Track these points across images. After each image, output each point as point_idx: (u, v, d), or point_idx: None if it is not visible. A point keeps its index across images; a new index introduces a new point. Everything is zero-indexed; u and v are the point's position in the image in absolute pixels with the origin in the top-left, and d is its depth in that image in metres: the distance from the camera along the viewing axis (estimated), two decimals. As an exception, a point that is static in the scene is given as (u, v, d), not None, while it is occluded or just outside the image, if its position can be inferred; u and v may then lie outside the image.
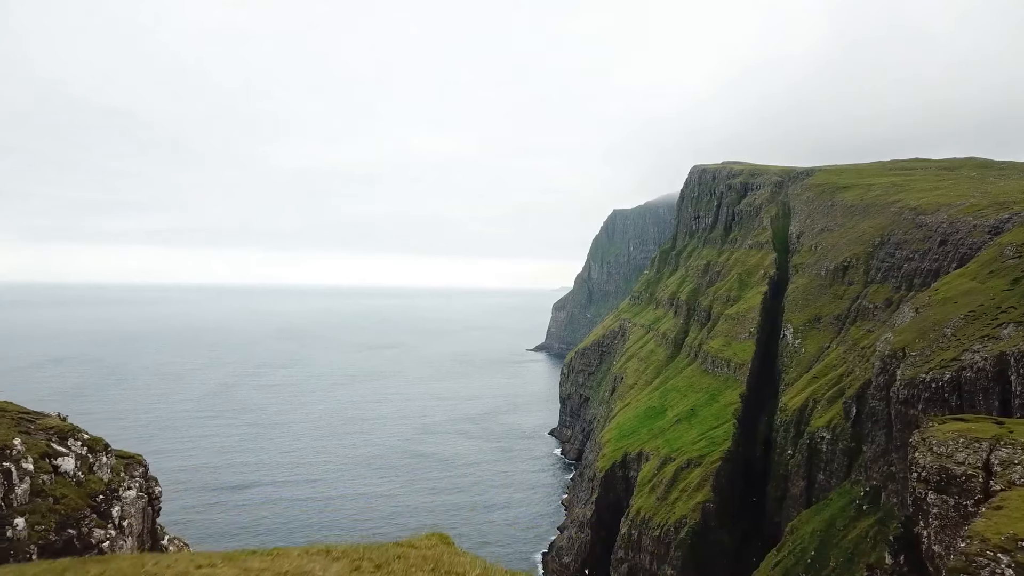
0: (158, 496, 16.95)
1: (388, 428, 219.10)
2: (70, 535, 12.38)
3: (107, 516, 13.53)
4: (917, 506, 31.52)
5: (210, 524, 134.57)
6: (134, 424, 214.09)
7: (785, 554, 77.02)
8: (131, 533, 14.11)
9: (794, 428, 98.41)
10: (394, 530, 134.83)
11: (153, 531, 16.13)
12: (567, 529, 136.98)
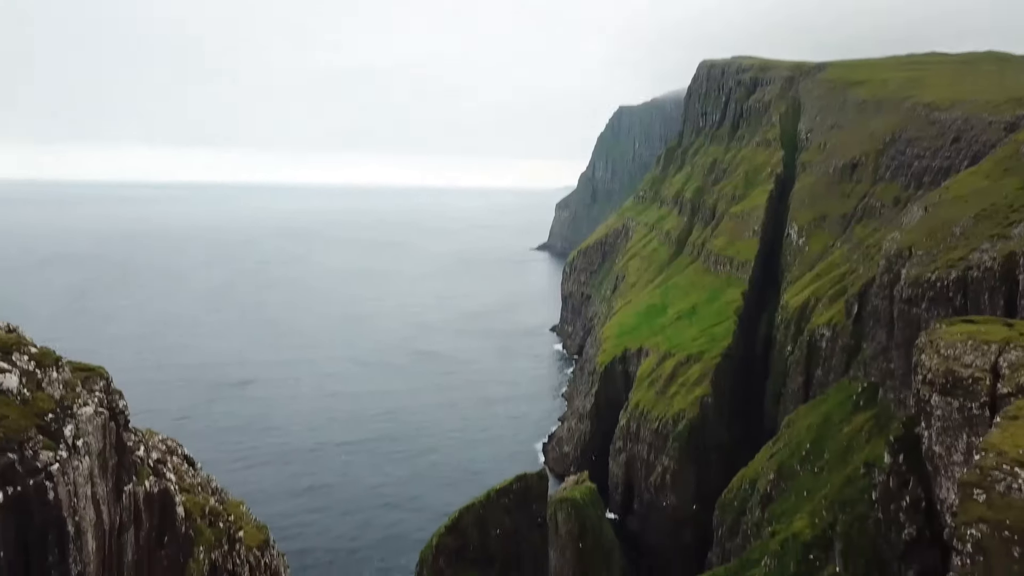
0: (123, 410, 16.26)
1: (389, 326, 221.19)
2: (10, 460, 11.80)
3: (58, 436, 12.90)
4: (920, 408, 31.55)
5: (213, 420, 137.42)
6: (135, 323, 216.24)
7: (780, 447, 78.74)
8: (88, 453, 13.58)
9: (794, 326, 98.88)
10: (395, 427, 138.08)
11: (119, 445, 15.63)
12: (567, 420, 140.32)
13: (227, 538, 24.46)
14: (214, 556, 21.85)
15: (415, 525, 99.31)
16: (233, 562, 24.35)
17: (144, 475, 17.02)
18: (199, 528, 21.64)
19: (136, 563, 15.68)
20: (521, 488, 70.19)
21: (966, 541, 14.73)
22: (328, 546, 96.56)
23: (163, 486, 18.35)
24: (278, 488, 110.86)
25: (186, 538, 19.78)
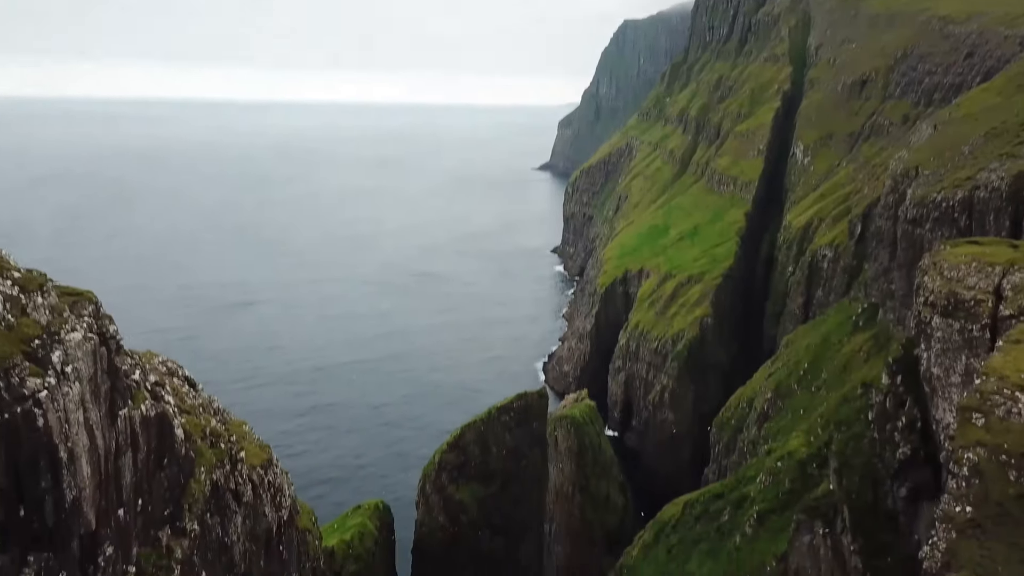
0: (113, 335, 15.91)
1: (390, 247, 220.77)
2: (-5, 387, 11.70)
3: (45, 363, 12.67)
4: (920, 329, 31.43)
5: (215, 341, 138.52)
6: (134, 244, 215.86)
7: (779, 366, 79.48)
8: (78, 379, 13.36)
9: (796, 246, 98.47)
10: (397, 348, 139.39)
11: (111, 370, 15.37)
12: (567, 341, 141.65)
13: (229, 458, 24.74)
14: (216, 476, 22.13)
15: (418, 443, 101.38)
16: (236, 481, 24.70)
17: (140, 399, 16.98)
18: (200, 449, 21.83)
19: (135, 485, 15.81)
20: (521, 406, 71.12)
21: (962, 464, 14.75)
22: (332, 464, 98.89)
23: (160, 409, 18.34)
24: (281, 408, 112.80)
25: (186, 459, 19.95)
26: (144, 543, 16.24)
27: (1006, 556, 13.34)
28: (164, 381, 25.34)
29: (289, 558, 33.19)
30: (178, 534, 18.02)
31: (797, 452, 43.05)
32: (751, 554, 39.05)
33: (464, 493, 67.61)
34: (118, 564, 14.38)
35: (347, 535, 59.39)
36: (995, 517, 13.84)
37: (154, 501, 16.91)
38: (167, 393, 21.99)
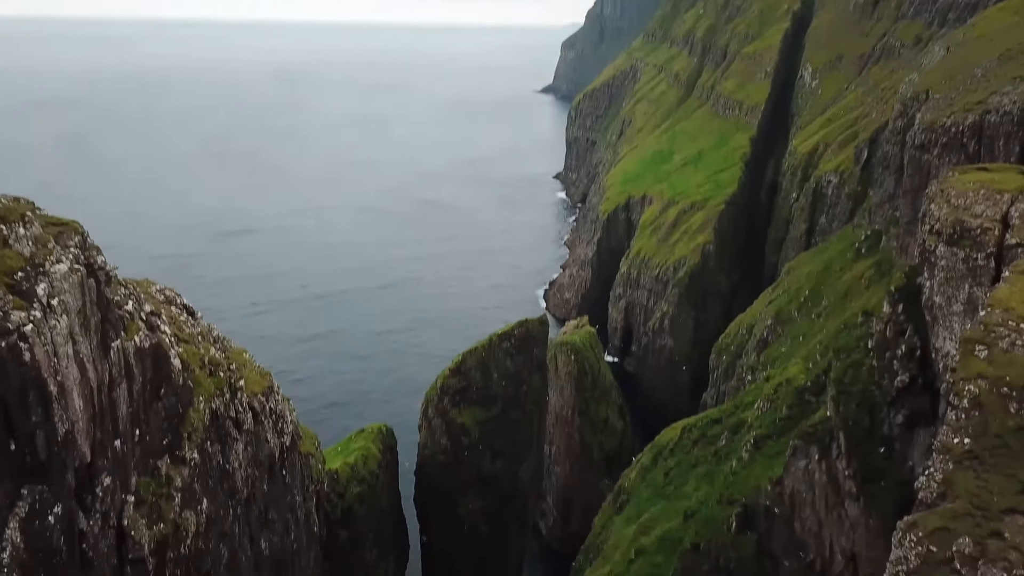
0: (101, 266, 15.54)
1: (390, 174, 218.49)
2: (-23, 322, 11.45)
3: (30, 296, 12.34)
4: (924, 258, 31.06)
5: (214, 269, 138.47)
6: (131, 170, 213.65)
7: (779, 293, 79.45)
8: (65, 312, 13.08)
9: (801, 172, 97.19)
10: (399, 276, 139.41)
11: (101, 302, 15.08)
12: (568, 268, 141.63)
13: (228, 387, 24.81)
14: (215, 405, 22.20)
15: (420, 369, 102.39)
16: (236, 409, 24.85)
17: (133, 330, 16.80)
18: (198, 379, 21.81)
19: (132, 416, 15.80)
20: (522, 333, 71.40)
21: (963, 396, 14.64)
22: (335, 389, 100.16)
23: (155, 340, 18.20)
24: (283, 335, 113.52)
25: (184, 389, 19.93)
26: (143, 472, 16.36)
27: (1002, 488, 13.35)
28: (160, 310, 25.19)
29: (292, 482, 33.81)
30: (178, 463, 18.15)
31: (795, 379, 43.31)
32: (747, 478, 39.70)
33: (466, 417, 68.56)
34: (116, 494, 14.49)
35: (351, 458, 60.44)
36: (993, 449, 13.81)
37: (152, 431, 16.96)
38: (163, 323, 21.84)
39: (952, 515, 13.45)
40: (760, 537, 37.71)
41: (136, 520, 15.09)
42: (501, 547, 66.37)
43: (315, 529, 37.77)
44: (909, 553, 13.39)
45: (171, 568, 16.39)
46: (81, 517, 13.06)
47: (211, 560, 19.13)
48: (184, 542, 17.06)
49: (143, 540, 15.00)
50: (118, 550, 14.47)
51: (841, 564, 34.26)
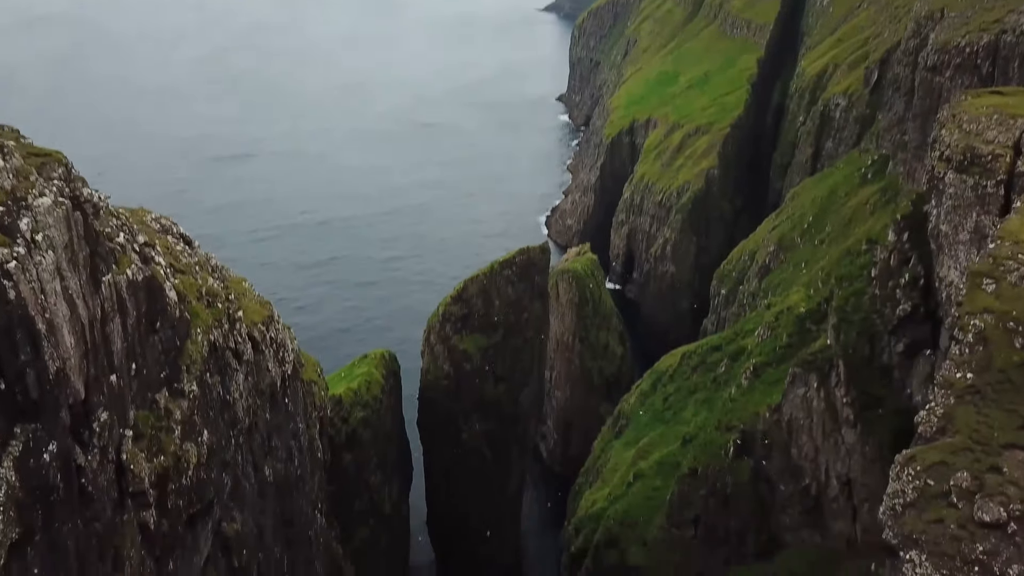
0: (88, 198, 15.04)
1: (389, 97, 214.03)
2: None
3: (12, 231, 11.95)
4: (932, 185, 30.49)
5: (212, 195, 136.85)
6: (125, 93, 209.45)
7: (783, 219, 78.81)
8: (51, 247, 12.70)
9: (809, 95, 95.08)
10: (400, 202, 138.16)
11: (89, 236, 14.68)
12: (571, 194, 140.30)
13: (227, 317, 24.70)
14: (213, 336, 22.12)
15: (422, 296, 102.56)
16: (235, 340, 24.80)
17: (125, 263, 16.49)
18: (194, 310, 21.65)
19: (127, 350, 15.67)
20: (523, 260, 71.18)
21: (968, 331, 14.44)
22: (337, 317, 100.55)
23: (149, 272, 17.92)
24: (284, 263, 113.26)
25: (181, 321, 19.78)
26: (142, 406, 16.36)
27: (1003, 423, 13.28)
28: (155, 241, 24.82)
29: (294, 410, 34.16)
30: (176, 395, 18.16)
31: (796, 307, 43.25)
32: (745, 405, 40.12)
33: (467, 343, 68.95)
34: (114, 428, 14.49)
35: (354, 383, 61.07)
36: (996, 384, 13.68)
37: (149, 365, 16.89)
38: (158, 254, 21.55)
39: (951, 449, 13.42)
40: (757, 463, 38.34)
41: (135, 454, 15.16)
42: (503, 469, 67.76)
43: (319, 455, 38.40)
44: (906, 487, 13.42)
45: (173, 499, 16.59)
46: (79, 453, 13.10)
47: (214, 490, 19.38)
48: (185, 473, 17.25)
49: (143, 474, 15.12)
50: (118, 484, 14.60)
51: (836, 489, 34.89)
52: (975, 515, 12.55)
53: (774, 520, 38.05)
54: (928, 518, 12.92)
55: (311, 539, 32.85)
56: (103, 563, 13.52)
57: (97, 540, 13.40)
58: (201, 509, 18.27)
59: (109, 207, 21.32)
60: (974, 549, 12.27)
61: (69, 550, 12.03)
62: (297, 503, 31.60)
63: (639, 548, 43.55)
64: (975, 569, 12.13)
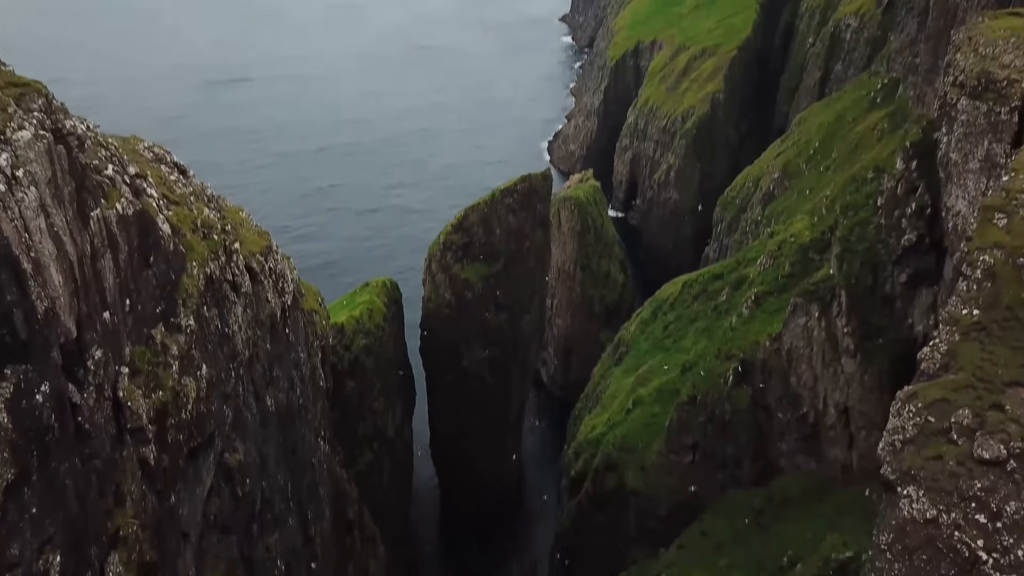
0: (71, 131, 14.37)
1: (387, 18, 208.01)
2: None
3: None
4: (944, 112, 29.67)
5: (207, 121, 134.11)
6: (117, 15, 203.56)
7: (788, 145, 77.53)
8: (33, 183, 12.20)
9: (819, 15, 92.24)
10: (401, 128, 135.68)
11: (74, 170, 14.11)
12: (574, 118, 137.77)
13: (223, 249, 24.38)
14: (210, 269, 21.84)
15: (423, 225, 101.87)
16: (232, 272, 24.53)
17: (114, 197, 16.06)
18: (189, 243, 21.32)
19: (120, 286, 15.40)
20: (525, 188, 70.40)
21: (976, 266, 14.14)
22: (338, 246, 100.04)
23: (140, 205, 17.51)
24: (282, 191, 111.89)
25: (175, 255, 19.47)
26: (138, 342, 16.22)
27: (1008, 360, 13.11)
28: (147, 172, 24.27)
29: (295, 340, 34.19)
30: (173, 330, 18.01)
31: (800, 236, 42.83)
32: (746, 334, 40.13)
33: (469, 272, 68.83)
34: (109, 366, 14.37)
35: (356, 311, 61.19)
36: (1002, 321, 13.45)
37: (143, 300, 16.66)
38: (150, 186, 21.08)
39: (953, 386, 13.30)
40: (756, 391, 38.61)
41: (132, 390, 15.10)
42: (503, 395, 68.62)
43: (321, 383, 38.68)
44: (907, 423, 13.36)
45: (173, 434, 16.63)
46: (74, 391, 13.01)
47: (214, 422, 19.45)
48: (185, 408, 17.25)
49: (140, 410, 15.08)
50: (116, 421, 14.58)
51: (834, 417, 35.24)
52: (975, 452, 12.52)
53: (771, 447, 38.60)
54: (927, 455, 12.90)
55: (314, 466, 33.40)
56: (104, 499, 13.63)
57: (97, 477, 13.47)
58: (202, 442, 18.37)
59: (98, 137, 20.71)
60: (972, 486, 12.27)
61: (68, 488, 12.08)
62: (300, 431, 31.96)
63: (637, 473, 44.33)
64: (972, 506, 12.15)
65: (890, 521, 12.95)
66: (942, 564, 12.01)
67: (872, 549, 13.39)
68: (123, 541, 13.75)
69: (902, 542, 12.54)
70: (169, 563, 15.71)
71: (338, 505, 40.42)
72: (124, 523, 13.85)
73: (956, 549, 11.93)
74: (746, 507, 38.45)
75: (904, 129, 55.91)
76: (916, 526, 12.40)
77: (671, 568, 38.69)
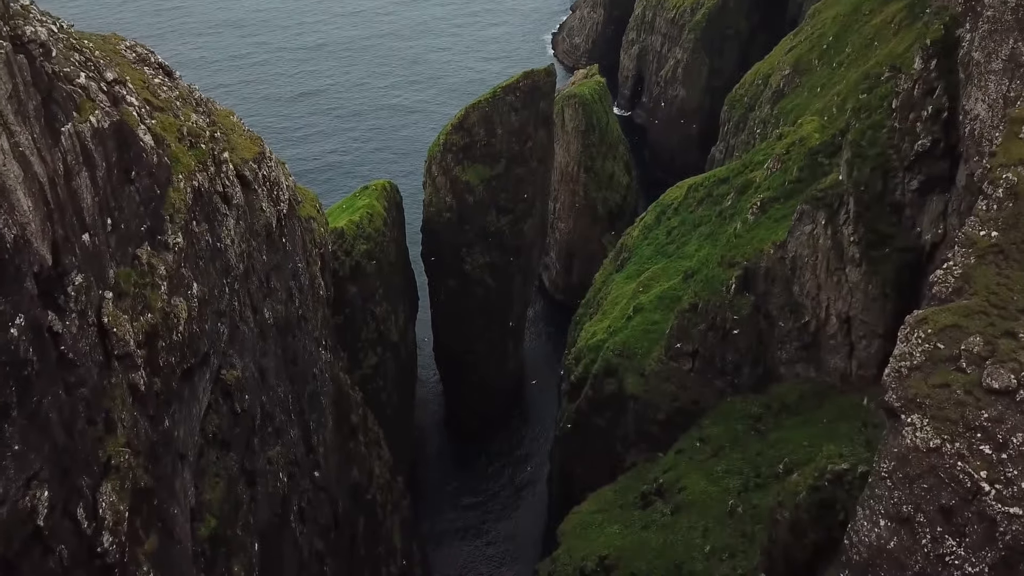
0: (33, 37, 12.79)
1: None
2: None
3: None
4: (968, 6, 28.02)
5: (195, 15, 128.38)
6: None
7: (801, 39, 74.45)
8: None
9: None
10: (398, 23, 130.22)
11: (39, 80, 12.77)
12: (579, 8, 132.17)
13: (212, 159, 23.45)
14: (197, 181, 21.02)
15: (424, 126, 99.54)
16: (223, 183, 23.70)
17: (87, 109, 15.10)
18: (174, 154, 20.41)
19: (99, 205, 14.66)
20: (528, 85, 68.23)
21: (998, 185, 13.38)
22: (337, 148, 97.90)
23: (117, 116, 16.55)
24: (278, 91, 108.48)
25: (160, 167, 18.63)
26: (123, 263, 15.65)
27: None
28: (127, 76, 23.05)
29: (293, 248, 33.64)
30: (160, 248, 17.39)
31: (809, 139, 41.45)
32: (750, 241, 39.46)
33: (470, 174, 67.61)
34: (91, 291, 13.84)
35: (356, 216, 60.45)
36: (1022, 244, 12.83)
37: (127, 218, 15.97)
38: (130, 92, 20.01)
39: (965, 312, 12.82)
40: (758, 299, 38.30)
41: (117, 315, 14.61)
42: (505, 299, 68.69)
43: (321, 292, 38.38)
44: (915, 349, 12.96)
45: (164, 357, 16.28)
46: (55, 320, 12.56)
47: (209, 341, 19.13)
48: (176, 329, 16.85)
49: (127, 336, 14.64)
50: (103, 347, 14.20)
51: (835, 326, 35.05)
52: (983, 381, 12.16)
53: (771, 354, 38.62)
54: (934, 382, 12.55)
55: (316, 375, 33.50)
56: (93, 428, 13.40)
57: (85, 406, 13.19)
58: (196, 362, 18.11)
59: (71, 40, 19.43)
60: (978, 415, 11.97)
61: (52, 421, 11.80)
62: (300, 342, 31.87)
63: (637, 378, 44.64)
64: (977, 436, 11.89)
65: (892, 448, 12.75)
66: (943, 493, 11.86)
67: (872, 476, 13.25)
68: (115, 469, 13.63)
69: (903, 470, 12.36)
70: (166, 486, 15.71)
71: (341, 411, 40.91)
72: (115, 451, 13.71)
73: (958, 479, 11.74)
74: (744, 413, 38.85)
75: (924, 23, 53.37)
76: (919, 455, 12.19)
77: (669, 473, 39.46)
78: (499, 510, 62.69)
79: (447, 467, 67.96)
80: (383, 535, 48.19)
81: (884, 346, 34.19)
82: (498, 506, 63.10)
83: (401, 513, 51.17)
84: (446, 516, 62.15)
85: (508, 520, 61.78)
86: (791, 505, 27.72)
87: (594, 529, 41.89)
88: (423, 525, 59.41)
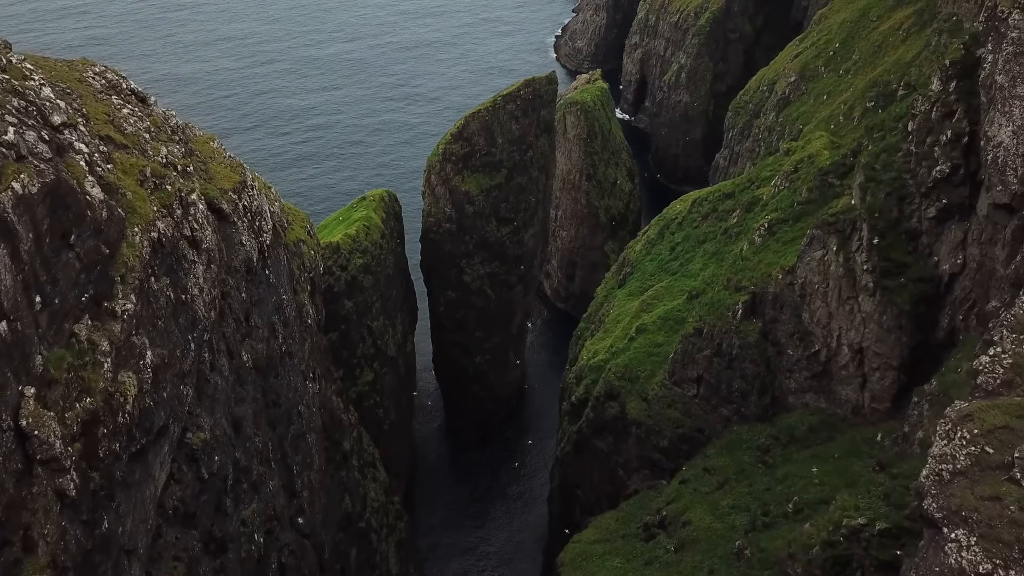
0: None
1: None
2: None
3: None
4: (990, 25, 26.19)
5: (192, 27, 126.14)
6: None
7: (807, 45, 72.66)
8: None
9: None
10: (401, 23, 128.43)
11: None
12: (582, 11, 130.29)
13: (179, 201, 21.74)
14: (158, 231, 19.34)
15: (424, 131, 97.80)
16: (191, 227, 21.98)
17: (9, 175, 13.29)
18: (131, 202, 18.73)
19: (24, 284, 12.88)
20: (528, 93, 66.69)
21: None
22: (335, 154, 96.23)
23: (52, 175, 14.81)
24: (276, 99, 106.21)
25: (111, 222, 16.94)
26: (56, 343, 14.06)
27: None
28: (87, 110, 21.25)
29: (277, 280, 32.04)
30: (106, 317, 15.77)
31: (819, 157, 39.65)
32: (757, 264, 37.74)
33: (470, 184, 66.06)
34: (7, 389, 12.21)
35: (352, 228, 58.90)
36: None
37: (62, 291, 14.34)
38: (80, 138, 18.33)
39: (1019, 411, 11.08)
40: (765, 325, 36.59)
41: (40, 415, 12.94)
42: (505, 310, 67.17)
43: (309, 321, 36.73)
44: (959, 451, 11.23)
45: (106, 445, 14.62)
46: (-43, 432, 11.00)
47: (167, 410, 17.51)
48: (123, 409, 15.24)
49: (51, 437, 12.95)
50: (22, 453, 12.59)
51: (847, 356, 33.31)
52: (1035, 499, 10.47)
53: (778, 383, 36.92)
54: (982, 493, 10.82)
55: (301, 413, 31.88)
56: (9, 549, 11.84)
57: (-2, 525, 11.64)
58: (150, 440, 16.51)
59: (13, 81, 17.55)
60: (1032, 542, 10.28)
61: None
62: (284, 380, 30.28)
63: (639, 403, 43.02)
64: (1030, 567, 10.19)
65: (932, 567, 11.05)
66: (988, 634, 10.17)
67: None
68: (35, 595, 12.07)
69: (940, 599, 10.68)
70: (105, 595, 14.12)
71: (332, 440, 39.38)
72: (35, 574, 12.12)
73: (1007, 620, 10.04)
74: (751, 444, 37.15)
75: (934, 30, 51.46)
76: (960, 582, 10.50)
77: (672, 504, 37.80)
78: (498, 528, 61.29)
79: (447, 479, 66.58)
80: (377, 562, 46.73)
81: (899, 379, 32.48)
82: (497, 523, 61.70)
83: (397, 536, 49.70)
84: (444, 532, 60.77)
85: (507, 538, 60.38)
86: (804, 560, 26.08)
87: (594, 561, 40.32)
88: (421, 541, 57.98)
